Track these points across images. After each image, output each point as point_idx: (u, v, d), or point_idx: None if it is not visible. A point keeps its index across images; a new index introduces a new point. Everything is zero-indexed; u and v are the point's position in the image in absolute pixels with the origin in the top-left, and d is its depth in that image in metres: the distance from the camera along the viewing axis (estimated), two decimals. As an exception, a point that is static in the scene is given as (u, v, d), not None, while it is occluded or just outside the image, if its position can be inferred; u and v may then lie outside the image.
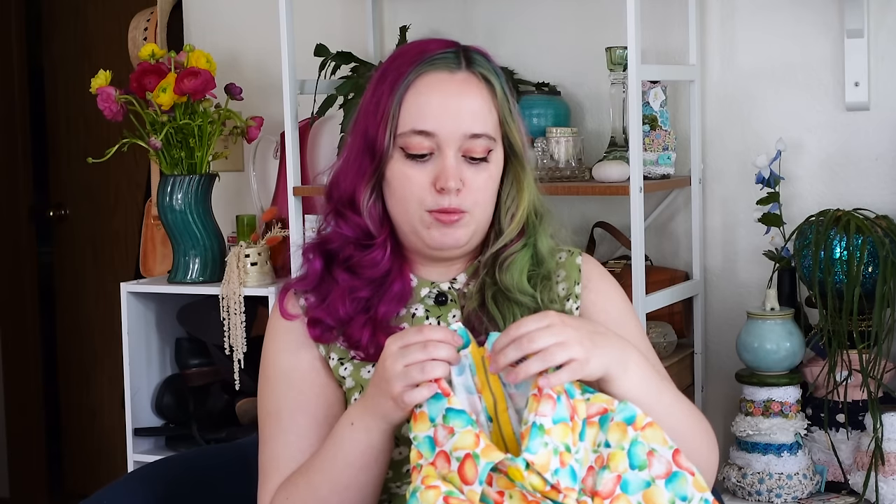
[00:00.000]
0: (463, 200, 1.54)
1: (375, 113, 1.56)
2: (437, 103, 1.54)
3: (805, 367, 2.49)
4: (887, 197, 2.60)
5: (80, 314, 4.48)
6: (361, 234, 1.59)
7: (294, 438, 1.56)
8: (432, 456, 1.34)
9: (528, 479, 1.31)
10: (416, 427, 1.37)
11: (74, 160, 4.34)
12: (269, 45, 2.99)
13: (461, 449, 1.32)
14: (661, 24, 2.75)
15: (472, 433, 1.33)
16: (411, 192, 1.54)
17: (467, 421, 1.35)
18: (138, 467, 1.87)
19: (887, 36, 2.59)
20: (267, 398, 1.61)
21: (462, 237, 1.56)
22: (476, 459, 1.32)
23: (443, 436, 1.34)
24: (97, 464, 4.42)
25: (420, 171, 1.54)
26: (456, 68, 1.56)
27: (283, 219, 2.90)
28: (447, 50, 1.58)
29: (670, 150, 2.59)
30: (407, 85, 1.55)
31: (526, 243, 1.60)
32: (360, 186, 1.58)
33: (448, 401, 1.36)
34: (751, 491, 2.42)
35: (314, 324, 1.59)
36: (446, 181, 1.52)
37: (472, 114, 1.55)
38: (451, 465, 1.32)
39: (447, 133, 1.54)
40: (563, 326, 1.38)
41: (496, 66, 1.60)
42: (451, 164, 1.53)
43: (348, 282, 1.58)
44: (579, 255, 1.67)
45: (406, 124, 1.54)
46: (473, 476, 1.32)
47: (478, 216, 1.57)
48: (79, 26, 4.41)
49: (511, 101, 1.60)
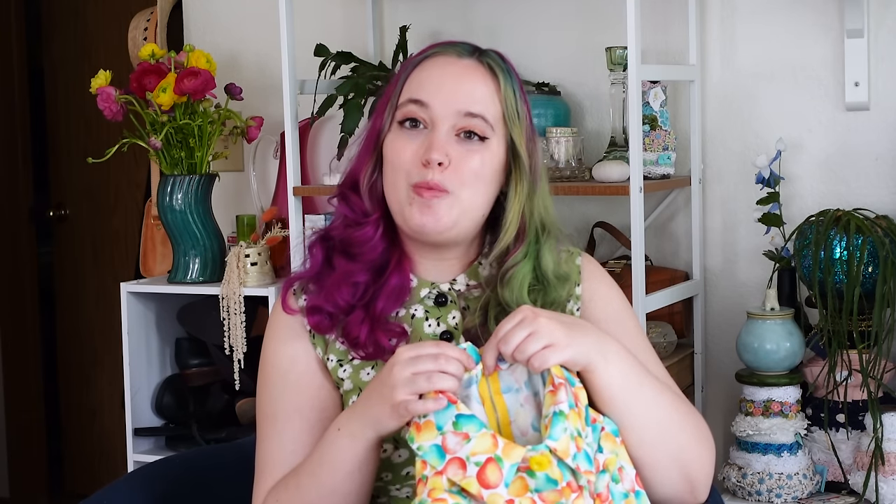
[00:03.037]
0: (446, 178, 1.52)
1: (385, 98, 1.60)
2: (437, 77, 1.56)
3: (805, 367, 2.49)
4: (887, 197, 2.60)
5: (80, 314, 4.48)
6: (360, 214, 1.60)
7: (288, 440, 1.56)
8: (442, 464, 1.33)
9: (553, 468, 1.32)
10: (419, 437, 1.36)
11: (74, 160, 4.34)
12: (269, 45, 3.00)
13: (480, 453, 1.32)
14: (661, 24, 2.76)
15: (489, 435, 1.34)
16: (400, 164, 1.54)
17: (480, 425, 1.35)
18: (138, 467, 1.87)
19: (887, 36, 2.59)
20: (264, 399, 1.61)
21: (443, 218, 1.53)
22: (500, 462, 1.32)
23: (455, 442, 1.34)
24: (97, 464, 4.42)
25: (411, 144, 1.55)
26: (466, 55, 1.58)
27: (283, 219, 2.90)
28: (463, 42, 1.61)
29: (670, 150, 2.59)
30: (415, 65, 1.58)
31: (527, 253, 1.58)
32: (363, 165, 1.60)
33: (457, 407, 1.36)
34: (751, 491, 2.42)
35: (313, 311, 1.58)
36: (430, 153, 1.52)
37: (470, 94, 1.55)
38: (468, 471, 1.32)
39: (442, 106, 1.54)
40: (535, 318, 1.42)
41: (510, 66, 1.60)
42: (440, 137, 1.53)
43: (345, 266, 1.58)
44: (579, 255, 1.67)
45: (405, 95, 1.57)
46: (498, 478, 1.32)
47: (463, 200, 1.54)
48: (79, 26, 4.41)
49: (520, 104, 1.59)
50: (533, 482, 1.33)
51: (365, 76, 2.74)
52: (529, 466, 1.33)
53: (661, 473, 1.49)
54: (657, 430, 1.48)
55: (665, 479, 1.49)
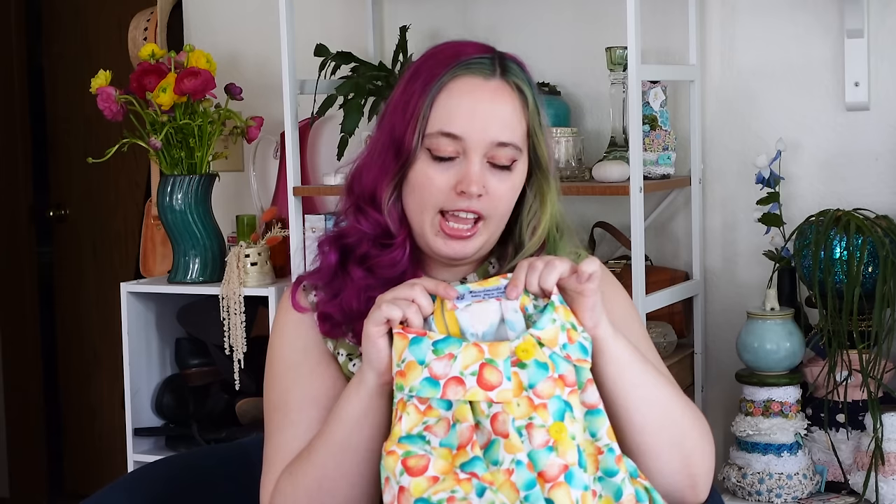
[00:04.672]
0: (482, 206, 1.54)
1: (405, 112, 1.56)
2: (467, 107, 1.53)
3: (805, 367, 2.49)
4: (887, 197, 2.60)
5: (80, 314, 4.48)
6: (381, 232, 1.58)
7: (303, 429, 1.55)
8: (439, 391, 1.36)
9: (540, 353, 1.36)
10: (406, 380, 1.38)
11: (74, 160, 4.34)
12: (269, 45, 2.99)
13: (472, 364, 1.37)
14: (661, 24, 2.75)
15: (471, 345, 1.38)
16: (431, 193, 1.54)
17: (460, 341, 1.39)
18: (138, 467, 1.87)
19: (887, 36, 2.59)
20: (273, 391, 1.61)
21: (470, 249, 1.56)
22: (492, 363, 1.37)
23: (443, 365, 1.37)
24: (97, 464, 4.42)
25: (443, 174, 1.54)
26: (490, 75, 1.56)
27: (282, 219, 2.90)
28: (483, 56, 1.57)
29: (670, 150, 2.59)
30: (440, 86, 1.54)
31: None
32: (383, 184, 1.57)
33: (429, 336, 1.39)
34: (751, 491, 2.42)
35: (324, 318, 1.59)
36: (469, 185, 1.52)
37: (502, 122, 1.54)
38: (468, 383, 1.36)
39: (475, 139, 1.53)
40: (564, 262, 1.46)
41: (530, 76, 1.60)
42: (476, 169, 1.53)
43: (364, 279, 1.57)
44: (587, 258, 1.67)
45: (435, 125, 1.54)
46: (498, 377, 1.36)
47: (492, 226, 1.56)
48: (79, 26, 4.41)
49: (541, 114, 1.59)
50: (526, 376, 1.36)
51: (365, 76, 2.74)
52: (518, 358, 1.37)
53: (663, 463, 1.49)
54: (661, 413, 1.48)
55: (667, 469, 1.49)
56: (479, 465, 1.34)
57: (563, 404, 1.36)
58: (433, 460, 1.35)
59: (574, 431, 1.35)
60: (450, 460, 1.35)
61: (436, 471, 1.34)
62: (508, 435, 1.34)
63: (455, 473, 1.34)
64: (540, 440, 1.34)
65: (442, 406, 1.37)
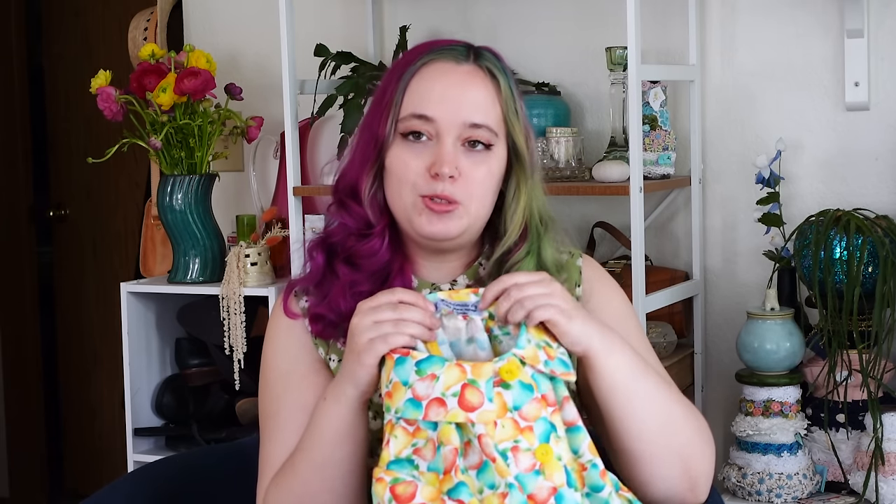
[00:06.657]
0: (456, 189, 1.53)
1: (380, 103, 1.58)
2: (438, 89, 1.55)
3: (805, 367, 2.49)
4: (887, 197, 2.60)
5: (80, 314, 4.48)
6: (363, 224, 1.59)
7: (291, 436, 1.55)
8: (421, 413, 1.34)
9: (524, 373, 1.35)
10: (393, 401, 1.36)
11: (74, 160, 4.34)
12: (269, 45, 3.00)
13: (454, 384, 1.35)
14: (661, 24, 2.76)
15: (454, 365, 1.36)
16: (406, 176, 1.54)
17: (442, 360, 1.37)
18: (138, 467, 1.87)
19: (887, 36, 2.59)
20: (266, 399, 1.61)
21: (453, 229, 1.55)
22: (474, 384, 1.35)
23: (425, 386, 1.35)
24: (97, 464, 4.42)
25: (417, 157, 1.54)
26: (463, 60, 1.57)
27: (282, 219, 2.90)
28: (457, 44, 1.59)
29: (670, 150, 2.59)
30: (412, 73, 1.56)
31: (529, 250, 1.59)
32: (363, 175, 1.58)
33: (413, 355, 1.37)
34: (751, 491, 2.42)
35: (316, 319, 1.58)
36: (441, 166, 1.52)
37: (474, 104, 1.55)
38: (449, 405, 1.33)
39: (447, 120, 1.53)
40: (552, 282, 1.45)
41: (506, 66, 1.60)
42: (448, 150, 1.53)
43: (349, 275, 1.57)
44: (580, 256, 1.67)
45: (407, 109, 1.55)
46: (479, 398, 1.34)
47: (472, 210, 1.55)
48: (79, 26, 4.41)
49: (517, 103, 1.59)
50: (510, 397, 1.34)
51: (365, 76, 2.74)
52: (502, 378, 1.35)
53: (661, 468, 1.48)
54: (659, 421, 1.48)
55: (666, 474, 1.49)
56: (465, 491, 1.32)
57: (548, 425, 1.35)
58: (420, 487, 1.33)
59: (560, 452, 1.34)
60: (437, 486, 1.33)
61: (423, 497, 1.32)
62: (495, 459, 1.33)
63: (442, 500, 1.32)
64: (526, 464, 1.32)
65: (429, 427, 1.35)
